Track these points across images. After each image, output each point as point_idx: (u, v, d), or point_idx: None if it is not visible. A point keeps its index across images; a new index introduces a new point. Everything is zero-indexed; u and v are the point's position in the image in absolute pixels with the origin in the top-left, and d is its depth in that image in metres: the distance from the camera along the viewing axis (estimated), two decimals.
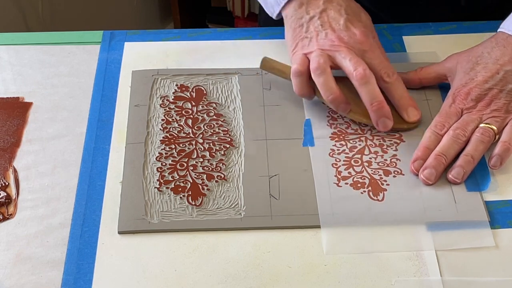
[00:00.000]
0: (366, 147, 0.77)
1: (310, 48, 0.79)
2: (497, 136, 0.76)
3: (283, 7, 0.84)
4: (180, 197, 0.72)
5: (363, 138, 0.77)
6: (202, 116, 0.80)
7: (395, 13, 0.97)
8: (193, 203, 0.71)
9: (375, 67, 0.78)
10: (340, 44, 0.78)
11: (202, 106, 0.81)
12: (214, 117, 0.80)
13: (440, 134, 0.76)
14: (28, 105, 0.82)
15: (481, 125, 0.76)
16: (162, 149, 0.76)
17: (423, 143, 0.75)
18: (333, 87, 0.76)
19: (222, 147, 0.76)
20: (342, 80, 0.78)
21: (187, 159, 0.75)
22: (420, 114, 0.78)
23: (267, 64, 0.83)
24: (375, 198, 0.71)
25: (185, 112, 0.80)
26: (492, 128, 0.75)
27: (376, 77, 0.77)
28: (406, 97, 0.78)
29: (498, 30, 0.81)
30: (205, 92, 0.83)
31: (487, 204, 0.71)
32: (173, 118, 0.79)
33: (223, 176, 0.74)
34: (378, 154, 0.76)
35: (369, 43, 0.78)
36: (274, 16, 0.85)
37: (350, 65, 0.76)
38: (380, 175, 0.74)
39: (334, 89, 0.76)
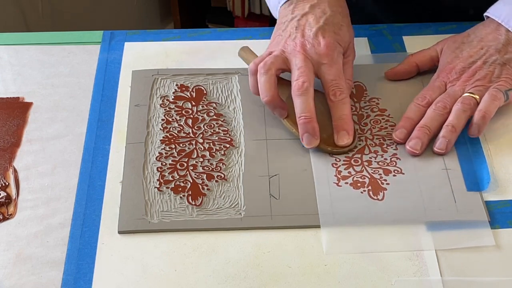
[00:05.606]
0: (366, 147, 0.76)
1: (275, 47, 0.79)
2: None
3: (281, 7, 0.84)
4: (180, 197, 0.72)
5: (363, 138, 0.77)
6: (202, 116, 0.80)
7: (399, 20, 0.97)
8: (193, 203, 0.71)
9: (326, 82, 0.76)
10: (300, 50, 0.77)
11: (202, 106, 0.81)
12: (214, 117, 0.80)
13: (421, 105, 0.78)
14: (28, 105, 0.82)
15: (464, 95, 0.77)
16: (162, 149, 0.76)
17: (405, 114, 0.78)
18: (272, 89, 0.75)
19: (222, 147, 0.76)
20: (318, 93, 0.77)
21: (187, 159, 0.75)
22: (351, 141, 0.75)
23: (242, 53, 0.84)
24: (375, 197, 0.71)
25: (185, 112, 0.80)
26: (473, 97, 0.77)
27: (325, 93, 0.77)
28: (345, 120, 0.75)
29: (484, 15, 0.83)
30: (205, 92, 0.83)
31: (487, 204, 0.71)
32: (173, 118, 0.79)
33: (223, 176, 0.74)
34: (378, 153, 0.76)
35: (330, 57, 0.77)
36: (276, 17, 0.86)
37: (296, 74, 0.75)
38: (380, 174, 0.74)
39: (271, 91, 0.75)
